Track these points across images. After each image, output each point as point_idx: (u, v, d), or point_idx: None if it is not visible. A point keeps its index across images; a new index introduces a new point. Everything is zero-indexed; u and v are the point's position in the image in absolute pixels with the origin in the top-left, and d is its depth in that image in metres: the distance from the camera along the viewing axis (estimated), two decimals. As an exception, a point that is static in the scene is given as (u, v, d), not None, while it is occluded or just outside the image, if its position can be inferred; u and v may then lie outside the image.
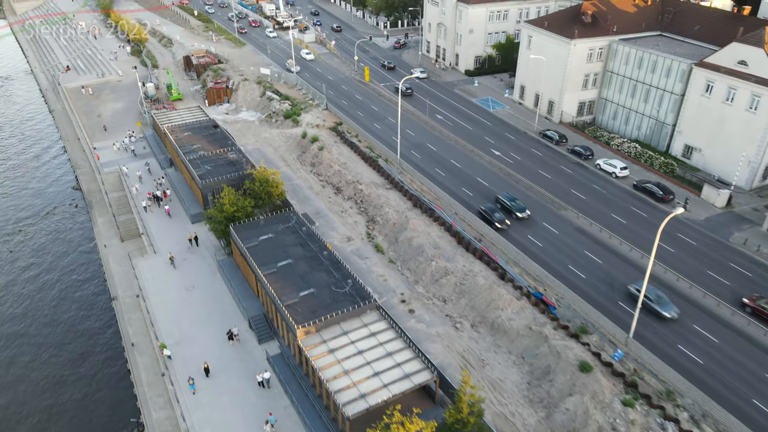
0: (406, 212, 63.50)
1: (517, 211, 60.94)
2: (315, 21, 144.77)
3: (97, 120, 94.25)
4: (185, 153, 70.15)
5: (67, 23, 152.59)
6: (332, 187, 71.68)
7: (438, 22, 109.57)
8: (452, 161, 73.14)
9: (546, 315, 47.67)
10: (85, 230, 74.67)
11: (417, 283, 54.52)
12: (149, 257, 59.50)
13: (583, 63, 79.19)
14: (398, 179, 69.52)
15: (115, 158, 79.87)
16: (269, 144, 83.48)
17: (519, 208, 61.43)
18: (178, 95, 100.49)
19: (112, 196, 74.06)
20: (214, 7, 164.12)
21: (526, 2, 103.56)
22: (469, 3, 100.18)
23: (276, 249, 52.19)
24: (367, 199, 67.36)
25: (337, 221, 64.51)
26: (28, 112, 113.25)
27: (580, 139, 78.03)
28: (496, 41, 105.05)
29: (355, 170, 73.21)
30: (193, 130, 77.52)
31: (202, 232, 63.24)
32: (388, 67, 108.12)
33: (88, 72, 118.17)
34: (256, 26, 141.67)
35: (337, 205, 67.69)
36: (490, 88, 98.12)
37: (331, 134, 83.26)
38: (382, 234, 62.11)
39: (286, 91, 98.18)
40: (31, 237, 74.02)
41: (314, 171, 75.56)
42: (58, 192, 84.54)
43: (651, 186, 63.57)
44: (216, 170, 66.50)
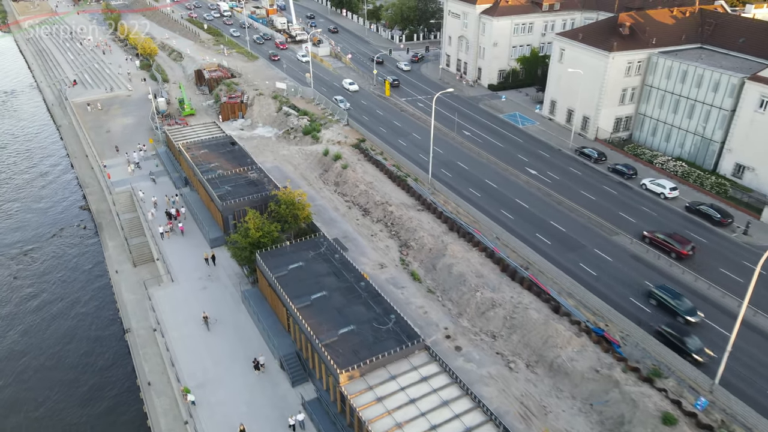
0: (442, 236, 58.95)
1: (687, 314, 45.49)
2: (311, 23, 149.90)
3: (106, 136, 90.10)
4: (203, 172, 65.80)
5: (74, 37, 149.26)
6: (359, 209, 67.20)
7: (459, 35, 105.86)
8: (486, 180, 68.72)
9: (611, 355, 42.90)
10: (94, 254, 70.01)
11: (461, 316, 49.81)
12: (166, 286, 54.84)
13: (621, 77, 75.12)
14: (430, 200, 65.07)
15: (127, 177, 75.45)
16: (288, 162, 79.15)
17: (688, 309, 45.71)
18: (190, 110, 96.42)
19: (123, 218, 69.55)
20: (238, 29, 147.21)
21: (552, 14, 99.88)
22: (494, 15, 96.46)
23: (308, 279, 47.59)
24: (398, 221, 62.86)
25: (367, 246, 59.94)
26: (34, 127, 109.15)
27: (619, 156, 73.68)
28: (521, 55, 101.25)
29: (383, 190, 68.78)
30: (209, 147, 73.27)
31: (223, 258, 58.70)
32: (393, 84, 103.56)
33: (96, 86, 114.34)
34: (284, 48, 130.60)
35: (365, 228, 63.16)
36: (516, 103, 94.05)
37: (354, 151, 78.98)
38: (417, 260, 57.51)
39: (303, 106, 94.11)
40: (37, 261, 69.35)
41: (338, 191, 71.14)
42: (65, 212, 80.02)
43: (706, 208, 59.07)
44: (236, 191, 62.08)
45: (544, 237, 57.21)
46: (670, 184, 63.85)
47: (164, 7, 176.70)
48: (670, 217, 60.24)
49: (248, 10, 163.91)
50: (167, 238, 60.93)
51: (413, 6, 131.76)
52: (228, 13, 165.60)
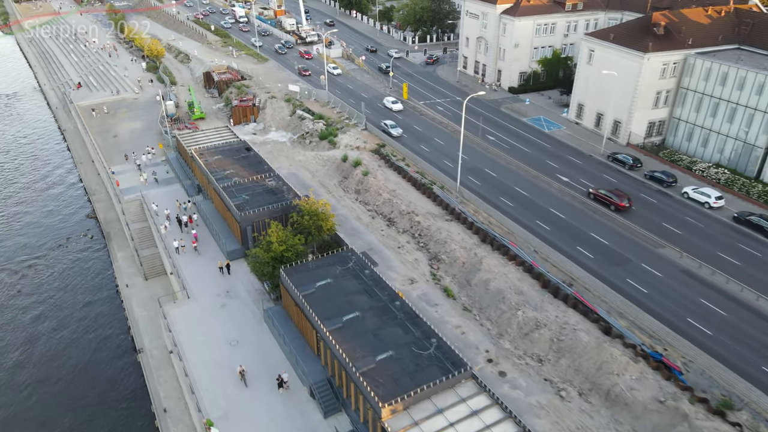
0: (474, 249, 55.29)
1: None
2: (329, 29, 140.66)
3: (113, 141, 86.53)
4: (218, 179, 62.16)
5: (78, 39, 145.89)
6: (383, 218, 63.56)
7: (478, 36, 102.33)
8: (517, 188, 65.08)
9: (673, 383, 39.21)
10: (102, 266, 66.39)
11: (502, 337, 46.11)
12: (182, 303, 51.08)
13: (656, 79, 71.50)
14: (459, 209, 61.41)
15: (137, 185, 71.76)
16: (305, 168, 75.54)
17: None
18: (200, 114, 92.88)
19: (133, 228, 65.91)
20: (257, 37, 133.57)
21: (575, 15, 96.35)
22: (515, 15, 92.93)
23: (338, 298, 43.92)
24: (426, 232, 59.19)
25: (394, 259, 56.26)
26: (37, 131, 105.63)
27: (654, 163, 70.06)
28: (542, 56, 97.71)
29: (407, 199, 65.13)
30: (223, 153, 69.62)
31: (241, 271, 55.02)
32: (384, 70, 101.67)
33: (101, 89, 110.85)
34: (310, 58, 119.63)
35: (391, 240, 59.49)
36: (540, 107, 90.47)
37: (374, 157, 75.35)
38: (449, 275, 53.83)
39: (318, 109, 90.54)
40: (42, 273, 65.70)
41: (360, 199, 67.50)
42: (71, 221, 76.38)
43: (758, 219, 55.36)
44: (255, 200, 58.41)
45: (585, 250, 53.53)
46: (715, 193, 60.19)
47: (168, 7, 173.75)
48: (717, 228, 56.55)
49: (256, 11, 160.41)
50: (183, 252, 57.03)
51: (426, 6, 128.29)
52: (244, 19, 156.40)
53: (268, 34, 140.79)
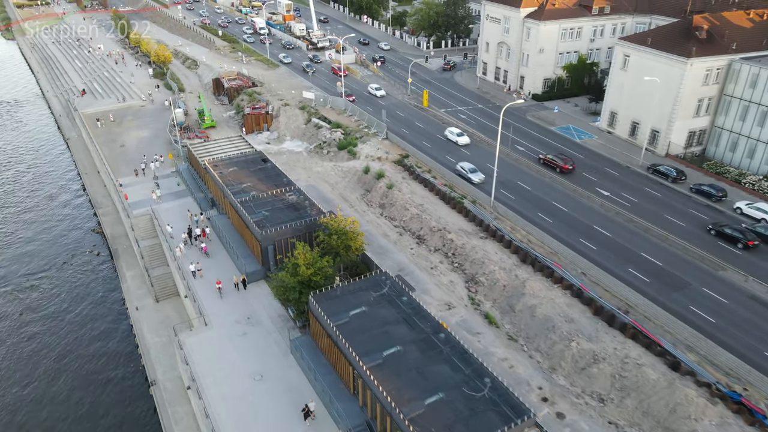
0: (515, 270, 50.93)
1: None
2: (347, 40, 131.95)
3: (120, 151, 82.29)
4: (234, 193, 57.86)
5: (82, 44, 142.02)
6: (412, 235, 59.21)
7: (499, 41, 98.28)
8: (554, 203, 60.73)
9: (759, 429, 34.76)
10: (110, 286, 62.03)
11: (555, 372, 41.69)
12: (199, 331, 46.61)
13: (698, 86, 67.32)
14: (494, 226, 57.06)
15: (146, 198, 67.46)
16: (324, 180, 71.27)
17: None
18: (211, 122, 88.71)
19: (143, 245, 61.58)
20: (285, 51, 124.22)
21: (602, 19, 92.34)
22: (540, 19, 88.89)
23: (374, 329, 39.56)
24: (460, 251, 54.83)
25: (428, 281, 51.88)
26: (40, 140, 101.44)
27: (698, 175, 65.72)
28: (567, 62, 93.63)
29: (437, 214, 60.81)
30: (239, 164, 65.38)
31: (261, 294, 50.64)
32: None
33: (107, 96, 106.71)
34: (346, 75, 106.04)
35: (423, 259, 55.12)
36: (567, 115, 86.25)
37: (398, 169, 71.07)
38: (489, 299, 49.45)
39: (335, 117, 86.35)
40: (45, 294, 61.32)
41: (385, 214, 63.20)
42: (76, 236, 72.05)
43: (823, 238, 51.06)
44: (275, 216, 54.08)
45: (638, 272, 49.10)
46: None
47: (174, 6, 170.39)
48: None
49: (265, 17, 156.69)
50: (200, 277, 52.49)
51: (441, 11, 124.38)
52: (265, 31, 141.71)
53: (293, 47, 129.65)
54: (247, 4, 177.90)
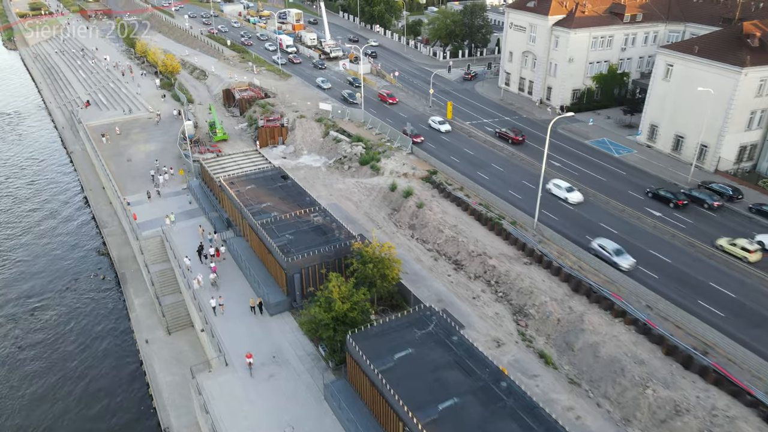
0: (568, 301, 45.82)
1: None
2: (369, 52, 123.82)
3: (127, 166, 77.44)
4: (254, 214, 52.88)
5: (86, 54, 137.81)
6: (447, 260, 54.15)
7: (524, 50, 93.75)
8: (603, 225, 55.66)
9: None
10: (117, 316, 56.92)
11: (630, 424, 36.42)
12: (219, 373, 41.39)
13: (751, 97, 62.58)
14: (539, 250, 51.98)
15: (157, 218, 62.50)
16: (347, 198, 66.33)
17: None
18: (223, 135, 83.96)
19: (154, 270, 56.51)
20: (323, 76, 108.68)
21: (634, 27, 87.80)
22: (571, 27, 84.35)
23: (424, 375, 34.42)
24: (503, 279, 49.73)
25: (471, 313, 46.74)
26: (42, 154, 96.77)
27: (754, 194, 60.70)
28: (597, 72, 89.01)
29: (473, 236, 55.78)
30: (257, 182, 60.52)
31: (287, 328, 45.52)
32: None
33: (112, 107, 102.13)
34: (395, 103, 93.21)
35: (463, 288, 50.02)
36: (601, 128, 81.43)
37: (426, 186, 66.14)
38: (542, 335, 44.30)
39: (354, 130, 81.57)
40: (46, 323, 56.26)
41: (417, 236, 58.17)
42: (80, 257, 67.09)
43: None
44: (300, 240, 49.07)
45: (710, 305, 43.93)
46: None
47: (168, 8, 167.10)
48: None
49: (275, 26, 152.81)
50: (221, 313, 47.16)
51: (458, 20, 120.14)
52: (293, 49, 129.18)
53: (323, 67, 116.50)
54: (255, 14, 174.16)
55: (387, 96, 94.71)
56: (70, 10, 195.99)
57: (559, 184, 61.92)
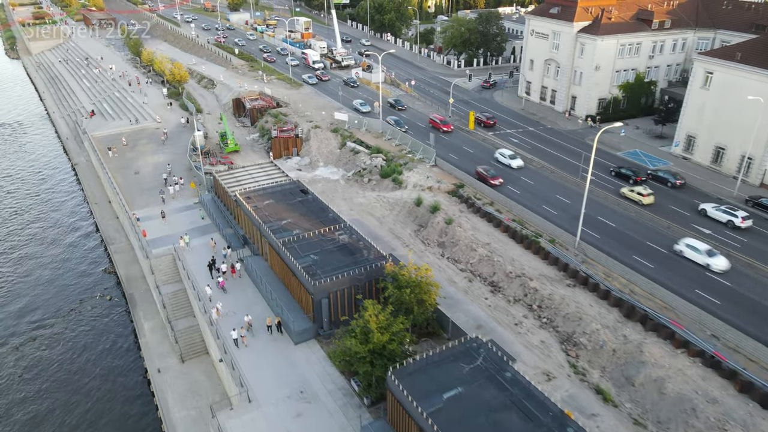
0: (621, 329, 41.83)
1: None
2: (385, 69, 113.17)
3: (134, 178, 73.69)
4: (274, 232, 49.03)
5: (90, 63, 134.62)
6: (483, 281, 50.19)
7: (546, 58, 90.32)
8: (650, 244, 51.69)
9: None
10: (125, 341, 52.90)
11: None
12: (242, 411, 37.24)
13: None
14: (583, 271, 48.01)
15: (168, 235, 58.65)
16: (369, 213, 62.50)
17: None
18: (234, 146, 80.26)
19: (165, 291, 52.56)
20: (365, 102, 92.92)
21: (662, 33, 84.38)
22: (598, 34, 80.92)
23: (478, 418, 30.45)
24: (547, 303, 45.75)
25: (514, 341, 42.71)
26: (45, 165, 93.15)
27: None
28: (624, 81, 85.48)
29: (509, 255, 51.87)
30: (274, 196, 56.73)
31: (314, 357, 41.52)
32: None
33: (118, 117, 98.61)
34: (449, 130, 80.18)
35: (502, 313, 46.02)
36: (631, 138, 77.74)
37: (453, 200, 62.31)
38: (596, 367, 40.26)
39: (372, 141, 77.86)
40: (49, 349, 52.24)
41: (448, 255, 54.23)
42: (85, 276, 63.18)
43: None
44: (327, 262, 45.17)
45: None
46: None
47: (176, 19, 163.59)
48: None
49: (284, 35, 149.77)
50: (244, 345, 43.00)
51: (473, 28, 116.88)
52: (320, 65, 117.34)
53: (355, 85, 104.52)
54: (261, 23, 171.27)
55: (440, 122, 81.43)
56: (73, 18, 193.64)
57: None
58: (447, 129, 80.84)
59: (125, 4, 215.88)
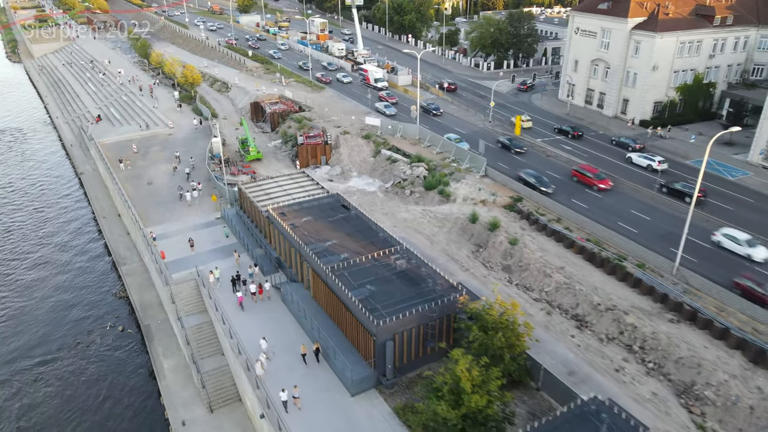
0: (752, 379, 34.19)
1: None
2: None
3: (147, 189, 66.31)
4: (319, 256, 41.50)
5: (95, 66, 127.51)
6: (564, 314, 42.58)
7: (593, 58, 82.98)
8: (761, 270, 44.18)
9: None
10: (142, 384, 45.22)
11: None
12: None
13: None
14: (687, 303, 40.43)
15: (189, 255, 51.15)
16: (416, 230, 54.96)
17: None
18: (257, 154, 72.96)
19: (189, 324, 44.98)
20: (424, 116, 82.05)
21: (723, 30, 77.08)
22: (656, 31, 73.62)
23: None
24: (650, 343, 38.10)
25: (619, 392, 34.99)
26: (48, 175, 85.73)
27: None
28: (682, 82, 78.14)
29: (589, 282, 44.33)
30: (312, 212, 49.26)
31: (375, 413, 33.91)
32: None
33: (126, 123, 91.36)
34: (607, 188, 58.05)
35: (595, 354, 38.37)
36: (695, 145, 70.24)
37: (511, 216, 54.80)
38: (730, 428, 32.57)
39: (410, 148, 70.45)
40: (52, 393, 44.59)
41: (516, 281, 46.61)
42: (93, 301, 55.60)
43: None
44: (385, 292, 37.62)
45: None
46: None
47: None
48: None
49: (298, 36, 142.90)
50: (297, 408, 34.90)
51: (504, 28, 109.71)
52: (383, 83, 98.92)
53: (437, 111, 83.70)
54: (273, 25, 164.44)
55: (593, 176, 58.54)
56: (77, 21, 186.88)
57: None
58: (604, 186, 57.75)
59: (129, 5, 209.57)
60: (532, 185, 58.52)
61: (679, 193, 55.78)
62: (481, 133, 76.14)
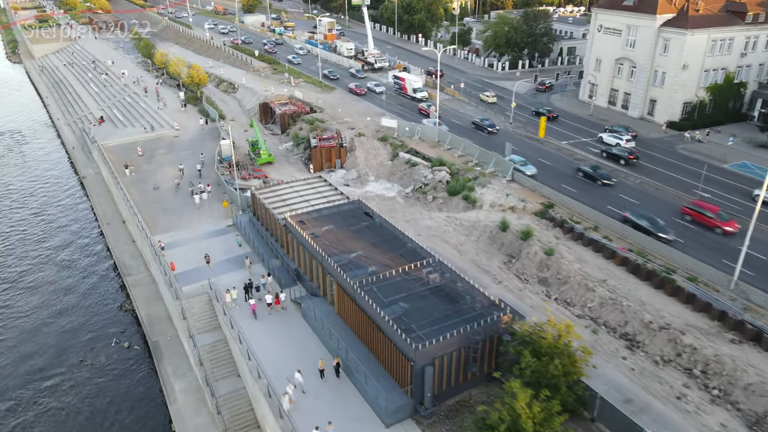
0: (834, 409, 30.69)
1: None
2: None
3: (154, 195, 62.83)
4: (344, 269, 38.00)
5: (97, 66, 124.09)
6: (611, 332, 39.03)
7: (618, 56, 79.52)
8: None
9: None
10: (150, 407, 41.64)
11: None
12: None
13: None
14: (749, 322, 36.88)
15: (200, 266, 47.62)
16: (442, 239, 51.44)
17: None
18: (268, 157, 69.47)
19: (202, 342, 41.43)
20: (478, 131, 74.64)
21: (756, 28, 73.75)
22: (687, 28, 70.19)
23: None
24: (713, 367, 34.53)
25: (683, 424, 31.40)
26: (49, 178, 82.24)
27: None
28: (712, 82, 74.70)
29: (635, 297, 40.81)
30: (333, 220, 45.78)
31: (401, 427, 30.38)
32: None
33: (130, 125, 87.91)
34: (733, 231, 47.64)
35: (652, 379, 34.79)
36: (734, 149, 66.70)
37: (543, 223, 51.25)
38: (814, 467, 29.08)
39: (430, 151, 66.93)
40: (53, 417, 41.06)
41: (555, 296, 43.02)
42: (96, 315, 52.03)
43: None
44: (420, 310, 34.12)
45: None
46: None
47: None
48: None
49: (306, 36, 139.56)
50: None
51: (519, 27, 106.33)
52: (423, 94, 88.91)
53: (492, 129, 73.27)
54: (279, 25, 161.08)
55: (714, 216, 48.47)
56: (78, 21, 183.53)
57: None
58: (730, 230, 47.73)
59: (131, 5, 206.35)
60: (644, 229, 47.53)
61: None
62: (504, 134, 72.62)
